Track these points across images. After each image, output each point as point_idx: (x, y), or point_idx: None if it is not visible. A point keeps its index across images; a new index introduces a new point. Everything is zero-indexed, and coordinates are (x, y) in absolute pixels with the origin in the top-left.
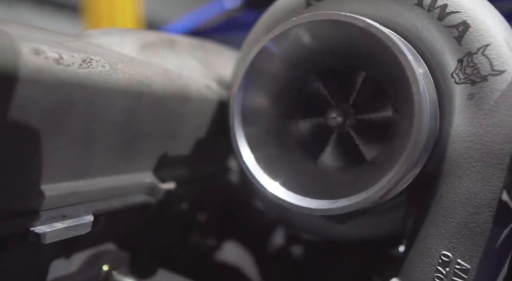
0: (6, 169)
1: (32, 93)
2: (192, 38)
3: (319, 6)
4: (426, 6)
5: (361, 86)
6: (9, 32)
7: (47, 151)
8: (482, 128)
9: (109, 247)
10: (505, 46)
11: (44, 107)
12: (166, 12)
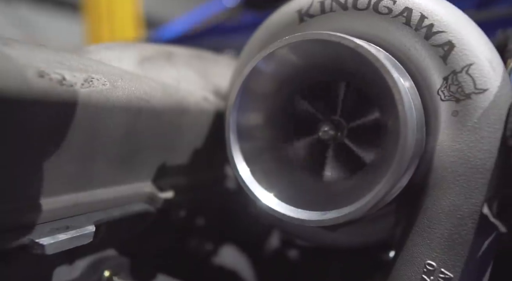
0: (11, 183)
1: (37, 114)
2: (190, 49)
3: (311, 23)
4: (413, 25)
5: (344, 95)
6: (13, 55)
7: (50, 166)
8: (466, 144)
9: (110, 253)
10: (488, 65)
11: (48, 125)
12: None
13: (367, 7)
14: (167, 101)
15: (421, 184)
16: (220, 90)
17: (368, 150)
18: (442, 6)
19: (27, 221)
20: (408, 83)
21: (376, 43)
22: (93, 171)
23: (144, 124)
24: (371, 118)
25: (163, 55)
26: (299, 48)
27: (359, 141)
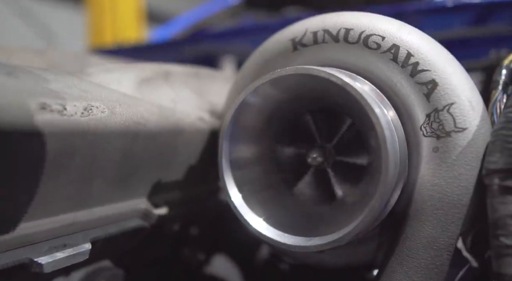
0: (12, 205)
1: (38, 143)
2: (187, 66)
3: (304, 52)
4: (400, 62)
5: (345, 130)
6: (17, 86)
7: (49, 189)
8: (444, 180)
9: (105, 265)
10: (468, 105)
11: (49, 153)
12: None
13: (357, 41)
14: (163, 124)
15: (402, 213)
16: (216, 108)
17: (345, 185)
18: (428, 44)
19: (26, 240)
20: (393, 116)
21: (365, 76)
22: (90, 191)
23: (141, 147)
24: (358, 162)
25: (161, 75)
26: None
27: (340, 174)
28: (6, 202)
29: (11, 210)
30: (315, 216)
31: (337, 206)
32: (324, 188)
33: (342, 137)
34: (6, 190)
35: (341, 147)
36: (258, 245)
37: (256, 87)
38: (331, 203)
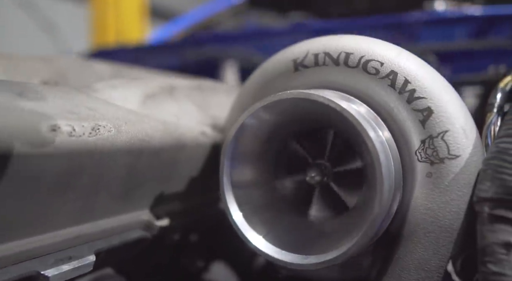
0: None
1: (48, 163)
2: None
3: (305, 73)
4: (397, 88)
5: (332, 142)
6: (28, 108)
7: (56, 205)
8: (437, 204)
9: (108, 272)
10: (461, 133)
11: (57, 172)
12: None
13: (357, 66)
14: (167, 140)
15: (396, 234)
16: (218, 122)
17: (351, 193)
18: (426, 72)
19: (34, 253)
20: (389, 140)
21: (363, 99)
22: (95, 205)
23: (145, 163)
24: (354, 166)
25: (166, 90)
26: (291, 102)
27: (343, 184)
28: (15, 217)
29: (19, 225)
30: (316, 231)
31: (348, 215)
32: (331, 203)
33: (332, 149)
34: (16, 206)
35: (334, 158)
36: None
37: (256, 109)
38: (342, 215)
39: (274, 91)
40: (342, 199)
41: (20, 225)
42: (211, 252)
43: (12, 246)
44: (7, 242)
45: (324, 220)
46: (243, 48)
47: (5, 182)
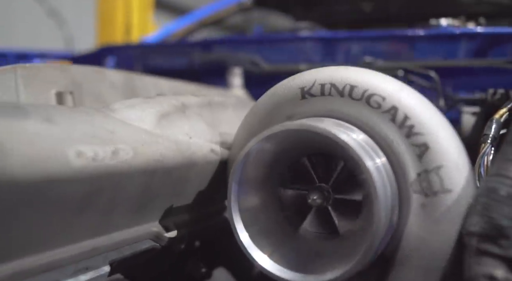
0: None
1: (72, 185)
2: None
3: (311, 101)
4: (397, 123)
5: (339, 171)
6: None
7: (77, 221)
8: (429, 234)
9: (118, 277)
10: (455, 168)
11: (80, 193)
12: None
13: (360, 98)
14: (179, 159)
15: (390, 257)
16: (226, 138)
17: (345, 221)
18: (424, 109)
19: (55, 264)
20: (388, 170)
21: (364, 130)
22: (111, 220)
23: (158, 181)
24: (354, 198)
25: (179, 109)
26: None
27: (340, 211)
28: (40, 232)
29: (44, 239)
30: (317, 251)
31: (339, 242)
32: (326, 225)
33: (337, 177)
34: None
35: (337, 186)
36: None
37: (262, 138)
38: (334, 239)
39: (281, 116)
40: (334, 223)
41: (45, 239)
42: (213, 259)
43: (37, 258)
44: (33, 255)
45: (321, 241)
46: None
47: (34, 203)
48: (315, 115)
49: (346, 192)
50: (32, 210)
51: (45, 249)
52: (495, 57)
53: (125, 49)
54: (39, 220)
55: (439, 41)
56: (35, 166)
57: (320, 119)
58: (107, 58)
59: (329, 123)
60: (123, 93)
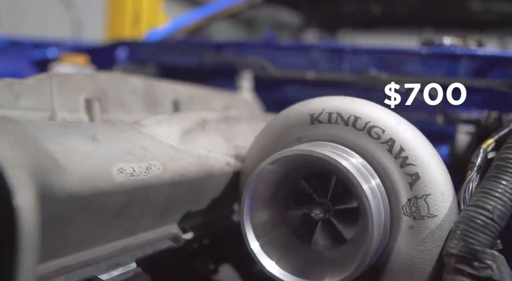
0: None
1: (112, 196)
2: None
3: (319, 126)
4: (394, 153)
5: (334, 185)
6: (101, 151)
7: (113, 225)
8: (415, 252)
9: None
10: (440, 197)
11: (118, 203)
12: None
13: (363, 129)
14: (200, 172)
15: (381, 268)
16: (240, 151)
17: (349, 227)
18: (418, 142)
19: (93, 261)
20: (382, 193)
21: (364, 156)
22: (139, 223)
23: (181, 191)
24: (351, 205)
25: (199, 124)
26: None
27: (342, 220)
28: (83, 234)
29: (85, 240)
30: (320, 260)
31: (346, 246)
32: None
33: (333, 191)
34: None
35: (335, 198)
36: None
37: (271, 161)
38: (335, 248)
39: (291, 137)
40: (340, 232)
41: (86, 240)
42: (221, 257)
43: (78, 255)
44: (76, 253)
45: (325, 249)
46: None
47: (82, 211)
48: (321, 139)
49: (344, 202)
50: (79, 217)
51: (86, 248)
52: (493, 78)
53: (139, 45)
54: (84, 225)
55: (441, 59)
56: (85, 183)
57: (323, 144)
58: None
59: (331, 148)
60: (143, 99)
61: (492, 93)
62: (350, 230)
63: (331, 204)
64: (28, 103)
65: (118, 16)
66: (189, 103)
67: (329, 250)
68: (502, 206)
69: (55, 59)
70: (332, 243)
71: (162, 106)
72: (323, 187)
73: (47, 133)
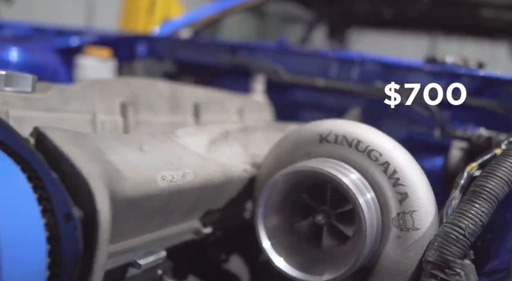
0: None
1: (155, 199)
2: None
3: (327, 145)
4: (388, 174)
5: (331, 193)
6: (148, 163)
7: (150, 220)
8: (399, 258)
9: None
10: (424, 213)
11: (158, 204)
12: None
13: (363, 151)
14: (223, 178)
15: (370, 269)
16: (256, 159)
17: (350, 226)
18: (409, 166)
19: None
20: (376, 208)
21: (363, 175)
22: (169, 219)
23: (205, 194)
24: (346, 209)
25: (223, 135)
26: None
27: (343, 221)
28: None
29: (129, 231)
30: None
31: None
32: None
33: (331, 198)
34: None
35: (334, 203)
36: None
37: (281, 175)
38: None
39: (302, 152)
40: (343, 232)
41: (129, 232)
42: (231, 248)
43: (122, 244)
44: (121, 241)
45: (333, 247)
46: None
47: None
48: (327, 156)
49: (341, 206)
50: (128, 215)
51: (128, 238)
52: (490, 98)
53: (158, 41)
54: (129, 221)
55: (442, 76)
56: (137, 188)
57: (330, 162)
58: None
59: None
60: (168, 102)
61: (488, 113)
62: (350, 228)
63: (331, 209)
64: (75, 107)
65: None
66: (207, 105)
67: (336, 248)
68: (473, 225)
69: (77, 47)
70: (338, 241)
71: (184, 109)
72: (321, 195)
73: (106, 145)
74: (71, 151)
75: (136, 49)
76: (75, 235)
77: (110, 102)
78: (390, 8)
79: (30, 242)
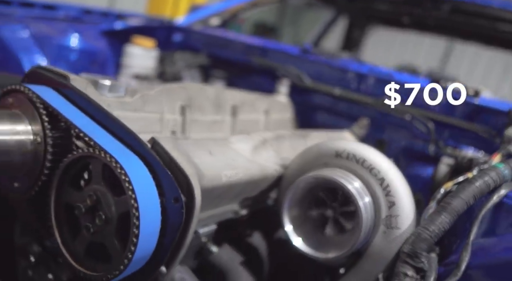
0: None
1: (218, 190)
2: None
3: (340, 159)
4: (383, 187)
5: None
6: (214, 163)
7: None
8: (384, 247)
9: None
10: (405, 217)
11: (218, 194)
12: None
13: (367, 168)
14: (260, 176)
15: (362, 252)
16: (284, 161)
17: (349, 221)
18: (399, 182)
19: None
20: (371, 209)
21: (365, 185)
22: (220, 203)
23: (247, 187)
24: (348, 209)
25: (262, 142)
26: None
27: (346, 216)
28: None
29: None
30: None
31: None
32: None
33: (340, 198)
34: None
35: (340, 203)
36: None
37: (301, 180)
38: (344, 233)
39: (321, 162)
40: (344, 226)
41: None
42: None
43: None
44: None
45: (334, 235)
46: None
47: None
48: (340, 167)
49: (346, 205)
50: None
51: None
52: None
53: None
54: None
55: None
56: (210, 183)
57: (341, 171)
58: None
59: (342, 175)
60: (213, 104)
61: (477, 136)
62: (349, 224)
63: (338, 207)
64: (151, 108)
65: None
66: (242, 106)
67: (336, 236)
68: (438, 230)
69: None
70: (338, 231)
71: (224, 109)
72: (333, 195)
73: (189, 149)
74: (175, 155)
75: (170, 38)
76: (180, 211)
77: (173, 104)
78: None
79: (153, 211)
